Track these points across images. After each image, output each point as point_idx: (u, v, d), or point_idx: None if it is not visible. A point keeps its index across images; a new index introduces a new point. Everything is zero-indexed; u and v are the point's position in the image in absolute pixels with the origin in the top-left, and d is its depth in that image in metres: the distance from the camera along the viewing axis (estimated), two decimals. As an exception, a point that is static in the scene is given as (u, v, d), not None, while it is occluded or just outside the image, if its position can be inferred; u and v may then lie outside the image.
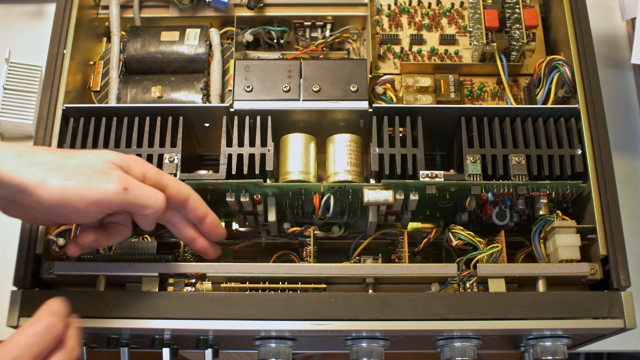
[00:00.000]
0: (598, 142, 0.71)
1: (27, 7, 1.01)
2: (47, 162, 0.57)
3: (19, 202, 0.57)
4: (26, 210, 0.58)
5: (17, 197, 0.56)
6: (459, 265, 0.69)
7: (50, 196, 0.55)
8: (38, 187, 0.55)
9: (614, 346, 0.83)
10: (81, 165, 0.58)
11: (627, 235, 0.70)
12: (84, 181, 0.57)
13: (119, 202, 0.58)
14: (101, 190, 0.57)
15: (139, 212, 0.61)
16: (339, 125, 0.76)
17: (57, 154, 0.58)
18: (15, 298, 0.65)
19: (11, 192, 0.56)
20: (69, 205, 0.56)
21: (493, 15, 0.76)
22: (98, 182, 0.57)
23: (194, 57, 0.79)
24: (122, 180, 0.58)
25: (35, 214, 0.58)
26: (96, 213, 0.59)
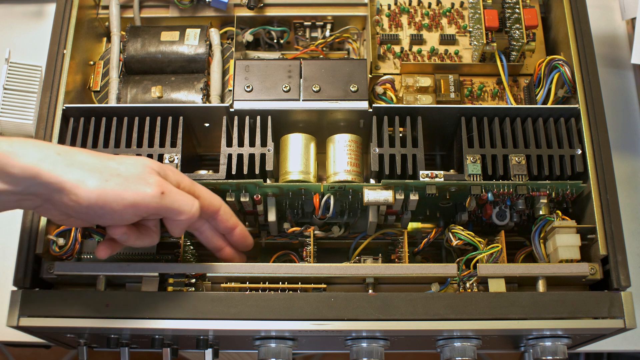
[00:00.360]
0: (598, 142, 0.71)
1: (27, 7, 1.01)
2: (86, 163, 0.57)
3: (55, 201, 0.57)
4: (61, 210, 0.58)
5: (54, 196, 0.56)
6: (459, 265, 0.69)
7: (88, 196, 0.56)
8: (76, 187, 0.55)
9: (614, 346, 0.83)
10: (119, 168, 0.58)
11: (627, 235, 0.70)
12: (122, 183, 0.57)
13: (155, 206, 0.58)
14: (139, 193, 0.57)
15: (173, 218, 0.61)
16: (339, 125, 0.76)
17: (96, 156, 0.59)
18: (15, 298, 0.65)
19: (49, 190, 0.56)
20: (106, 206, 0.56)
21: (493, 15, 0.76)
22: (136, 185, 0.58)
23: (194, 57, 0.79)
24: (160, 185, 0.59)
25: (70, 214, 0.58)
26: (132, 216, 0.59)
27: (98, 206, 0.56)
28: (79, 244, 0.70)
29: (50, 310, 0.65)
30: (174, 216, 0.61)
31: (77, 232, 0.70)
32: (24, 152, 0.55)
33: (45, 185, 0.55)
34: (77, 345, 0.72)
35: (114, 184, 0.57)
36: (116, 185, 0.57)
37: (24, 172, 0.54)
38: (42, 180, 0.55)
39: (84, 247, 0.70)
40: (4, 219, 0.86)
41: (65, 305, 0.65)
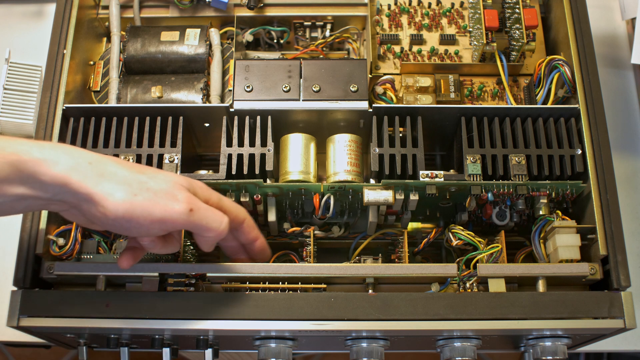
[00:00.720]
0: (598, 142, 0.71)
1: (27, 7, 1.01)
2: (117, 174, 0.57)
3: (83, 209, 0.57)
4: (87, 218, 0.58)
5: (82, 205, 0.56)
6: (459, 265, 0.69)
7: (116, 209, 0.55)
8: (105, 199, 0.55)
9: (614, 346, 0.83)
10: (149, 183, 0.58)
11: (627, 235, 0.70)
12: (151, 198, 0.57)
13: (183, 223, 0.58)
14: (168, 210, 0.57)
15: (202, 234, 0.61)
16: (339, 125, 0.76)
17: (127, 167, 0.58)
18: (15, 298, 0.65)
19: (78, 200, 0.56)
20: (133, 220, 0.56)
21: (493, 15, 0.76)
22: (165, 201, 0.57)
23: (194, 57, 0.79)
24: (189, 202, 0.58)
25: (95, 222, 0.58)
26: (159, 230, 0.59)
27: (125, 219, 0.56)
28: (79, 244, 0.70)
29: (50, 310, 0.65)
30: (202, 232, 0.60)
31: (77, 232, 0.70)
32: (55, 160, 0.54)
33: (74, 194, 0.55)
34: (77, 345, 0.72)
35: (142, 198, 0.56)
36: (145, 200, 0.56)
37: (54, 180, 0.54)
38: (72, 190, 0.55)
39: (84, 247, 0.71)
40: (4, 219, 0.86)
41: (65, 305, 0.65)
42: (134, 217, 0.56)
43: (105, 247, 0.71)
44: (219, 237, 0.61)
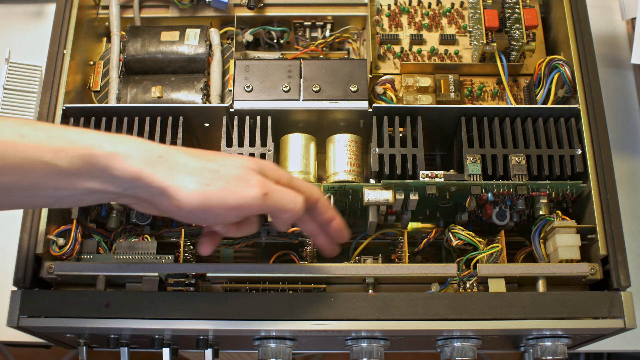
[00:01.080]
0: (598, 142, 0.71)
1: (27, 7, 1.01)
2: (187, 165, 0.56)
3: (156, 202, 0.56)
4: (160, 210, 0.57)
5: (155, 198, 0.55)
6: (459, 265, 0.69)
7: (191, 201, 0.54)
8: (178, 192, 0.54)
9: (614, 346, 0.83)
10: (220, 170, 0.57)
11: (627, 235, 0.70)
12: (224, 186, 0.56)
13: (259, 207, 0.57)
14: (242, 196, 0.56)
15: (278, 216, 0.60)
16: (339, 125, 0.76)
17: (196, 157, 0.57)
18: (15, 298, 0.65)
19: (150, 194, 0.55)
20: (209, 210, 0.55)
21: (493, 15, 0.76)
22: (238, 188, 0.56)
23: (194, 57, 0.79)
24: (262, 185, 0.57)
25: (169, 214, 0.57)
26: (235, 217, 0.58)
27: (200, 210, 0.55)
28: (79, 244, 0.70)
29: (50, 310, 0.65)
30: (279, 214, 0.59)
31: (77, 232, 0.70)
32: (127, 154, 0.53)
33: (147, 189, 0.54)
34: (77, 345, 0.72)
35: (215, 187, 0.55)
36: (218, 189, 0.55)
37: (126, 174, 0.53)
38: (144, 184, 0.54)
39: (84, 247, 0.71)
40: (4, 219, 0.86)
41: (65, 305, 0.65)
42: (209, 208, 0.55)
43: (105, 247, 0.71)
44: (294, 217, 0.60)
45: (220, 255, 0.79)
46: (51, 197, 0.53)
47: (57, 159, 0.51)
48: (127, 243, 0.71)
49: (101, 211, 0.74)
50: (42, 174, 0.51)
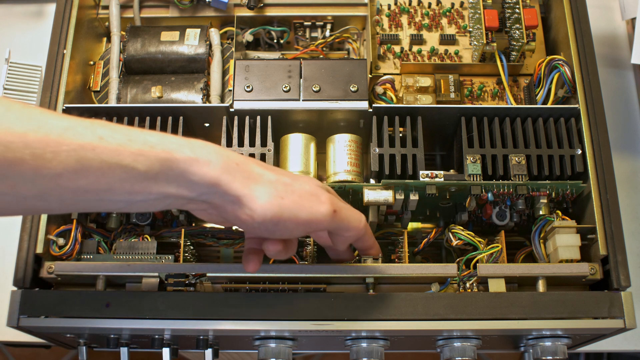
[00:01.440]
0: (598, 142, 0.71)
1: (27, 7, 1.01)
2: (262, 176, 0.56)
3: (226, 210, 0.55)
4: (227, 219, 0.57)
5: (227, 206, 0.55)
6: (459, 265, 0.69)
7: (265, 212, 0.54)
8: (254, 201, 0.54)
9: (614, 346, 0.83)
10: (294, 185, 0.57)
11: (627, 235, 0.70)
12: (297, 201, 0.56)
13: (327, 224, 0.58)
14: (314, 211, 0.56)
15: (342, 234, 0.61)
16: (339, 125, 0.76)
17: (269, 168, 0.57)
18: (15, 298, 0.65)
19: (224, 201, 0.54)
20: (280, 223, 0.55)
21: (493, 15, 0.76)
22: (310, 203, 0.56)
23: (194, 57, 0.79)
24: (332, 203, 0.58)
25: (236, 223, 0.57)
26: (302, 232, 0.58)
27: (272, 223, 0.55)
28: (79, 244, 0.70)
29: (50, 310, 0.65)
30: (342, 232, 0.60)
31: (77, 232, 0.70)
32: (207, 160, 0.53)
33: (223, 196, 0.54)
34: (77, 345, 0.72)
35: (289, 201, 0.55)
36: (291, 203, 0.55)
37: (204, 180, 0.53)
38: (221, 191, 0.53)
39: (84, 247, 0.71)
40: (4, 219, 0.86)
41: (65, 305, 0.65)
42: (281, 220, 0.55)
43: (105, 247, 0.71)
44: (357, 235, 0.61)
45: (220, 255, 0.79)
46: (123, 202, 0.52)
47: (136, 163, 0.50)
48: (127, 243, 0.71)
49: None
50: (120, 177, 0.50)
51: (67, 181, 0.48)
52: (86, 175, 0.49)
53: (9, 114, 0.46)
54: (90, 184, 0.49)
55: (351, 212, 0.60)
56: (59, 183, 0.48)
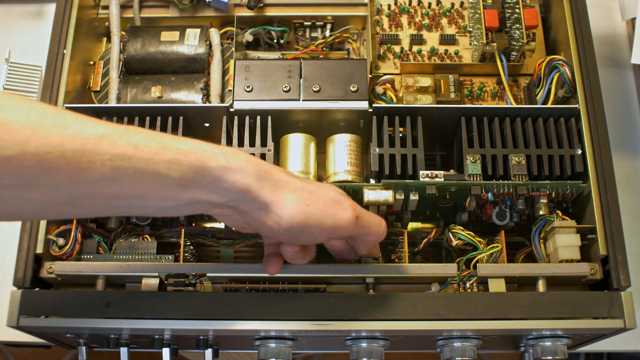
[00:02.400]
0: (598, 142, 0.71)
1: (27, 7, 1.01)
2: (289, 183, 0.57)
3: (252, 216, 0.56)
4: (252, 225, 0.58)
5: (254, 212, 0.56)
6: (459, 265, 0.69)
7: (292, 219, 0.55)
8: (282, 208, 0.55)
9: (614, 346, 0.83)
10: (319, 192, 0.58)
11: (627, 235, 0.70)
12: (322, 208, 0.57)
13: (350, 230, 0.59)
14: (337, 218, 0.58)
15: (364, 239, 0.62)
16: (339, 125, 0.76)
17: (296, 178, 0.59)
18: (15, 298, 0.65)
19: (252, 207, 0.55)
20: (306, 229, 0.57)
21: (493, 15, 0.76)
22: (335, 210, 0.58)
23: (194, 57, 0.79)
24: (354, 209, 0.59)
25: (261, 229, 0.58)
26: (325, 239, 0.59)
27: (298, 229, 0.56)
28: (79, 244, 0.70)
29: (50, 310, 0.65)
30: (364, 237, 0.62)
31: (77, 232, 0.70)
32: (239, 167, 0.54)
33: (251, 202, 0.55)
34: (77, 345, 0.72)
35: (314, 208, 0.57)
36: (317, 210, 0.57)
37: (236, 187, 0.53)
38: (250, 197, 0.54)
39: (84, 247, 0.71)
40: (4, 219, 0.86)
41: (65, 305, 0.65)
42: (307, 227, 0.56)
43: (105, 247, 0.71)
44: (378, 239, 0.63)
45: (220, 255, 0.79)
46: (153, 208, 0.53)
47: (170, 171, 0.50)
48: (127, 243, 0.71)
49: (101, 211, 0.74)
50: (153, 185, 0.50)
51: (101, 188, 0.48)
52: (120, 183, 0.49)
53: (45, 122, 0.46)
54: (124, 191, 0.49)
55: (372, 217, 0.62)
56: (93, 190, 0.48)
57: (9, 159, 0.44)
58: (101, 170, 0.47)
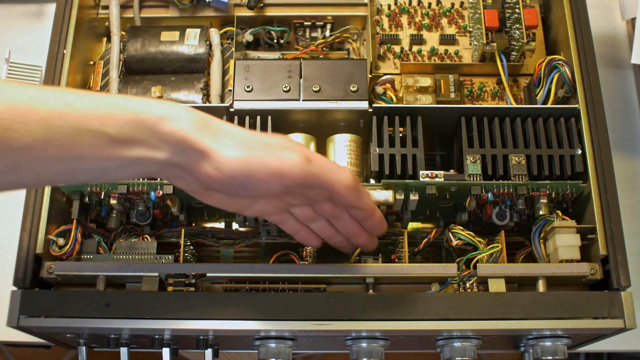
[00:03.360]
0: (598, 142, 0.71)
1: (27, 7, 1.01)
2: (232, 132, 0.55)
3: (197, 170, 0.54)
4: (201, 181, 0.55)
5: (195, 164, 0.54)
6: (459, 265, 0.69)
7: (232, 165, 0.53)
8: (222, 155, 0.53)
9: (614, 346, 0.83)
10: (265, 139, 0.56)
11: (627, 235, 0.70)
12: (266, 152, 0.55)
13: (302, 174, 0.55)
14: (284, 160, 0.55)
15: (328, 188, 0.57)
16: (339, 125, 0.76)
17: (236, 126, 0.56)
18: (15, 298, 0.65)
19: (192, 158, 0.53)
20: (250, 175, 0.54)
21: (493, 15, 0.76)
22: (280, 153, 0.55)
23: (194, 57, 0.79)
24: (305, 152, 0.56)
25: (211, 185, 0.55)
26: (277, 185, 0.55)
27: (242, 175, 0.54)
28: (79, 244, 0.70)
29: (50, 310, 0.65)
30: (327, 186, 0.57)
31: (77, 232, 0.70)
32: (174, 117, 0.52)
33: (191, 152, 0.53)
34: (77, 345, 0.72)
35: (258, 152, 0.54)
36: (260, 154, 0.54)
37: (173, 137, 0.52)
38: (189, 146, 0.53)
39: (84, 247, 0.71)
40: (4, 219, 0.86)
41: (65, 305, 0.65)
42: (251, 172, 0.54)
43: (105, 247, 0.71)
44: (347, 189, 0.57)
45: (220, 255, 0.79)
46: (96, 170, 0.52)
47: (105, 127, 0.50)
48: (127, 243, 0.71)
49: (101, 211, 0.74)
50: (90, 143, 0.49)
51: (39, 152, 0.48)
52: (57, 144, 0.48)
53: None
54: (62, 153, 0.49)
55: (330, 164, 0.57)
56: (31, 154, 0.48)
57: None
58: (36, 131, 0.47)
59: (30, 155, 0.48)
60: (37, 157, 0.48)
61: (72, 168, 0.50)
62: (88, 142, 0.49)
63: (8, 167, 0.48)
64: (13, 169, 0.48)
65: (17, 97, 0.47)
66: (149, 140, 0.52)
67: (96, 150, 0.50)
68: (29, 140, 0.47)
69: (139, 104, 0.52)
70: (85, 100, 0.50)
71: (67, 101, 0.49)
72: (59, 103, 0.48)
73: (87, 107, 0.49)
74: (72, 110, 0.49)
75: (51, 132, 0.48)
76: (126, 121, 0.51)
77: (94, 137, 0.50)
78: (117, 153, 0.51)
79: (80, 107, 0.49)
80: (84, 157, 0.50)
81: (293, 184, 0.56)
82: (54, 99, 0.49)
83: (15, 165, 0.48)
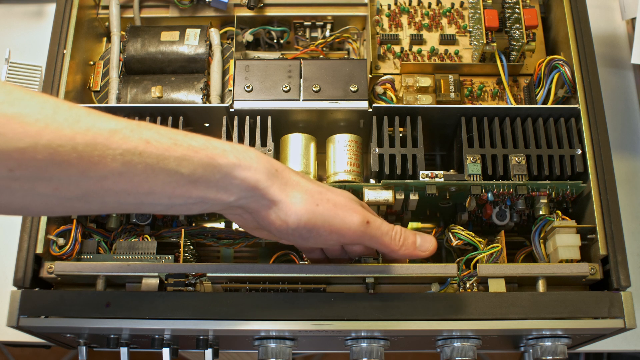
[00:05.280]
0: (598, 142, 0.71)
1: (27, 7, 1.01)
2: (299, 183, 0.57)
3: (262, 216, 0.56)
4: (262, 225, 0.58)
5: (262, 211, 0.56)
6: (459, 265, 0.69)
7: (299, 219, 0.56)
8: (290, 206, 0.55)
9: (614, 346, 0.83)
10: (328, 194, 0.58)
11: (627, 235, 0.70)
12: (331, 209, 0.57)
13: (359, 235, 0.59)
14: (346, 221, 0.58)
15: (379, 249, 0.63)
16: (339, 125, 0.76)
17: (307, 179, 0.59)
18: (15, 298, 0.65)
19: (260, 206, 0.55)
20: (314, 230, 0.57)
21: (493, 15, 0.76)
22: (344, 212, 0.58)
23: (194, 57, 0.79)
24: (365, 215, 0.59)
25: (270, 229, 0.58)
26: (335, 242, 0.59)
27: (306, 229, 0.56)
28: (79, 244, 0.70)
29: (50, 310, 0.65)
30: (379, 246, 0.62)
31: (77, 232, 0.70)
32: (248, 165, 0.54)
33: (260, 200, 0.55)
34: (77, 345, 0.72)
35: (323, 209, 0.57)
36: (325, 211, 0.57)
37: (245, 184, 0.54)
38: (259, 195, 0.54)
39: (84, 247, 0.71)
40: (4, 219, 0.86)
41: (65, 305, 0.65)
42: (315, 227, 0.57)
43: (105, 247, 0.71)
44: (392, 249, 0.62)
45: (220, 255, 0.79)
46: (162, 205, 0.53)
47: (180, 167, 0.51)
48: (127, 243, 0.71)
49: (101, 211, 0.74)
50: (163, 181, 0.50)
51: (112, 184, 0.48)
52: (131, 178, 0.49)
53: (57, 116, 0.46)
54: (134, 187, 0.49)
55: (385, 225, 0.61)
56: (103, 185, 0.48)
57: (22, 151, 0.44)
58: (112, 164, 0.47)
59: (103, 186, 0.48)
60: (108, 188, 0.49)
61: (140, 201, 0.51)
62: (161, 179, 0.50)
63: (79, 195, 0.48)
64: (83, 197, 0.49)
65: (97, 129, 0.47)
66: (220, 184, 0.53)
67: (167, 187, 0.51)
68: (104, 173, 0.48)
69: (216, 149, 0.53)
70: (163, 139, 0.50)
71: (146, 138, 0.49)
72: (138, 139, 0.49)
73: (164, 146, 0.50)
74: (150, 149, 0.49)
75: (127, 167, 0.48)
76: (201, 163, 0.52)
77: (168, 176, 0.50)
78: (187, 192, 0.52)
79: (157, 146, 0.50)
80: (154, 193, 0.51)
81: (350, 241, 0.60)
82: (134, 134, 0.49)
83: (86, 194, 0.48)
